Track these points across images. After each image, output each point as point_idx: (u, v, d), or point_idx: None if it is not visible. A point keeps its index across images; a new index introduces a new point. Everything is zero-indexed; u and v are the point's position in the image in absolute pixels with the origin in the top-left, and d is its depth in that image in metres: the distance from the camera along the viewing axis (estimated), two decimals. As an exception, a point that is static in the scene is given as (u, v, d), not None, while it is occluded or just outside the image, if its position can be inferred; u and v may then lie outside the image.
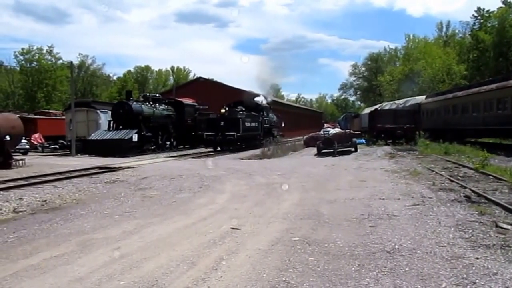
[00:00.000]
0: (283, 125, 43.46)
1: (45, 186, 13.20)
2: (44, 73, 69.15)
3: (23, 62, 71.08)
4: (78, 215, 9.02)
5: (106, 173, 16.34)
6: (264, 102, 39.73)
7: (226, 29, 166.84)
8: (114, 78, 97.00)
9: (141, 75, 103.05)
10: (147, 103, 31.01)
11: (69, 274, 5.24)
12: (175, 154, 27.13)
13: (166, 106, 33.03)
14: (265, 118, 36.92)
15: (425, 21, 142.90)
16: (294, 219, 8.05)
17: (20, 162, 20.20)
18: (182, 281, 4.95)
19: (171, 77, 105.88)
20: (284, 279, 4.94)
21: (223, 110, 31.38)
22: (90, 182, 14.14)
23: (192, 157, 25.31)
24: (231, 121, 30.46)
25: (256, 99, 38.81)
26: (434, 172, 14.61)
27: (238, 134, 30.23)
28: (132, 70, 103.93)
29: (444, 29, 75.11)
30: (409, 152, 24.90)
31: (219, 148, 31.04)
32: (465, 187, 11.10)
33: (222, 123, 30.31)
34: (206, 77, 64.54)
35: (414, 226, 7.31)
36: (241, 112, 32.62)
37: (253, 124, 33.90)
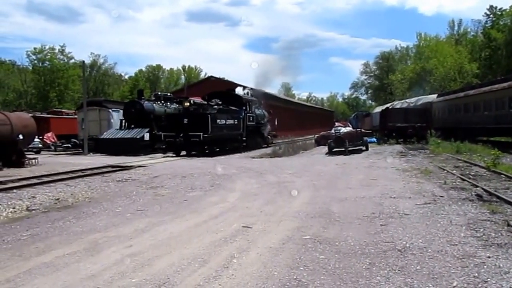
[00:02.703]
0: (276, 123, 38.29)
1: (57, 185, 13.32)
2: (56, 72, 69.75)
3: (35, 61, 71.83)
4: (91, 213, 9.11)
5: (118, 172, 16.45)
6: (247, 94, 34.26)
7: (237, 28, 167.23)
8: (126, 77, 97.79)
9: (153, 74, 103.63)
10: (159, 102, 31.13)
11: (82, 272, 5.29)
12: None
13: (177, 105, 33.03)
14: (249, 114, 30.92)
15: (437, 20, 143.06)
16: (305, 218, 8.06)
17: (33, 160, 20.45)
18: (193, 279, 4.98)
19: (183, 76, 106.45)
20: (295, 277, 4.95)
21: (187, 104, 25.48)
22: (102, 180, 14.25)
23: (204, 156, 25.35)
24: (196, 118, 24.62)
25: (238, 90, 33.62)
26: (445, 171, 14.53)
27: (206, 135, 24.39)
28: (143, 69, 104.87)
29: (456, 28, 74.95)
30: (420, 151, 24.79)
31: (184, 152, 25.36)
32: (477, 186, 11.03)
33: (185, 121, 24.61)
34: (217, 76, 64.63)
35: (425, 224, 7.28)
36: (215, 106, 26.71)
37: (230, 121, 27.78)
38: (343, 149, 24.48)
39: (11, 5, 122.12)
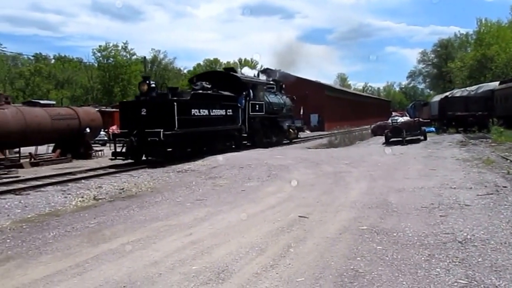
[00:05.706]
0: (301, 112, 31.74)
1: (122, 175, 13.91)
2: (120, 68, 72.09)
3: (100, 58, 74.46)
4: (153, 202, 9.44)
5: (178, 163, 16.83)
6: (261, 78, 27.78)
7: (292, 20, 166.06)
8: (185, 71, 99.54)
9: (210, 68, 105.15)
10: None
11: (145, 259, 5.50)
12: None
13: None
14: (253, 102, 23.39)
15: (498, 4, 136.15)
16: (362, 208, 8.01)
17: (99, 152, 21.52)
18: (251, 267, 5.06)
19: (239, 69, 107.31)
20: (352, 267, 4.94)
21: (144, 87, 17.58)
22: (163, 171, 14.69)
23: (260, 147, 25.44)
24: (158, 107, 17.14)
25: (245, 70, 25.15)
26: (508, 161, 13.94)
27: (170, 132, 16.52)
28: (201, 63, 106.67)
29: (519, 12, 70.94)
30: (482, 140, 23.91)
31: (148, 158, 17.48)
32: (543, 176, 10.58)
33: (143, 112, 16.98)
34: (273, 68, 64.53)
35: (487, 216, 7.06)
36: (200, 91, 19.76)
37: (218, 111, 20.21)
38: (400, 139, 24.02)
39: (78, 6, 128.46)
